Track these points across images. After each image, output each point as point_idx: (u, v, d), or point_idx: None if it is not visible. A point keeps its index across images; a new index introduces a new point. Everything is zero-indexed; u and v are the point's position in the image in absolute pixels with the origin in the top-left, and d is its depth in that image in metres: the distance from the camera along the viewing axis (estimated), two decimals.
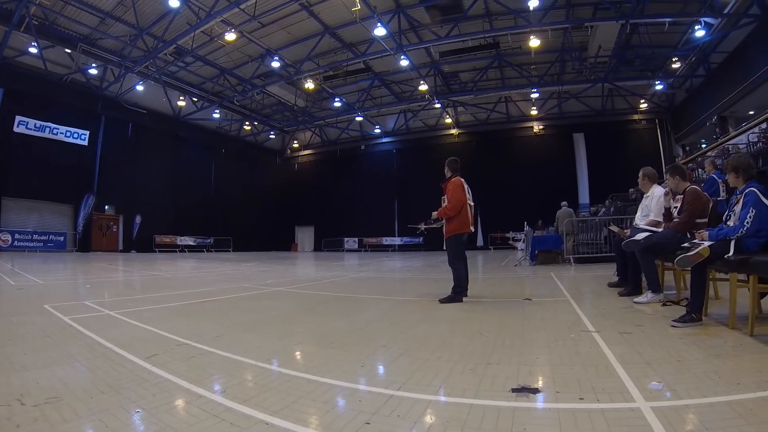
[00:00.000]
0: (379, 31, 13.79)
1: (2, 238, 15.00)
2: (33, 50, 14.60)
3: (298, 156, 29.70)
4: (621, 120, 19.74)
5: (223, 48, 16.67)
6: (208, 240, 23.36)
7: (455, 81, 19.50)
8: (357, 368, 1.94)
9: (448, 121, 23.44)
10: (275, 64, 17.24)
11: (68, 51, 15.72)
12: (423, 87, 18.57)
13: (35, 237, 16.04)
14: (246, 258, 15.86)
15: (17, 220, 15.62)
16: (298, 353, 2.33)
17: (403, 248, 24.48)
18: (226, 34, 14.82)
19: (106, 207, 18.74)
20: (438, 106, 20.36)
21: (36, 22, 13.79)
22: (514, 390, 1.55)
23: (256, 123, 25.07)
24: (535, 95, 18.60)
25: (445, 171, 4.36)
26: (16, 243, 15.38)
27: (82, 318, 3.23)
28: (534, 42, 14.04)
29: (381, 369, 1.99)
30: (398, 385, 1.67)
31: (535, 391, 1.55)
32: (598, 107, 19.48)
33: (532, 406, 1.43)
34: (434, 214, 4.24)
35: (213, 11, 13.44)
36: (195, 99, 21.06)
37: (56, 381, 1.69)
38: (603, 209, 10.51)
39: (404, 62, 16.30)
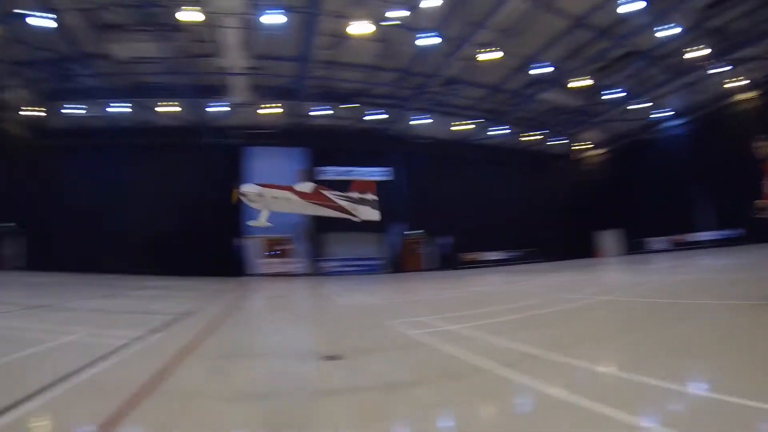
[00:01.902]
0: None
1: (331, 265, 31.40)
2: (322, 112, 29.95)
3: (586, 157, 41.90)
4: None
5: (484, 67, 26.43)
6: (515, 253, 36.31)
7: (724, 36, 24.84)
8: None
9: (734, 85, 29.20)
10: (537, 71, 26.85)
11: (348, 106, 30.02)
12: (697, 53, 24.91)
13: (354, 263, 32.12)
14: (556, 268, 23.85)
15: (338, 249, 32.04)
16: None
17: (715, 244, 30.48)
18: (480, 54, 24.58)
19: (412, 231, 33.41)
20: (722, 69, 26.82)
21: (317, 91, 28.40)
22: None
23: (536, 132, 37.23)
24: None
25: (760, 146, 5.48)
26: (340, 269, 31.48)
27: (426, 333, 6.27)
28: None
29: None
30: None
31: None
32: None
33: None
34: (760, 202, 5.44)
35: (464, 37, 23.56)
36: (472, 121, 33.77)
37: None
38: None
39: (668, 32, 22.98)
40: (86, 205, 30.81)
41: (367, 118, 31.01)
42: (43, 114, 30.95)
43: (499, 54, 24.45)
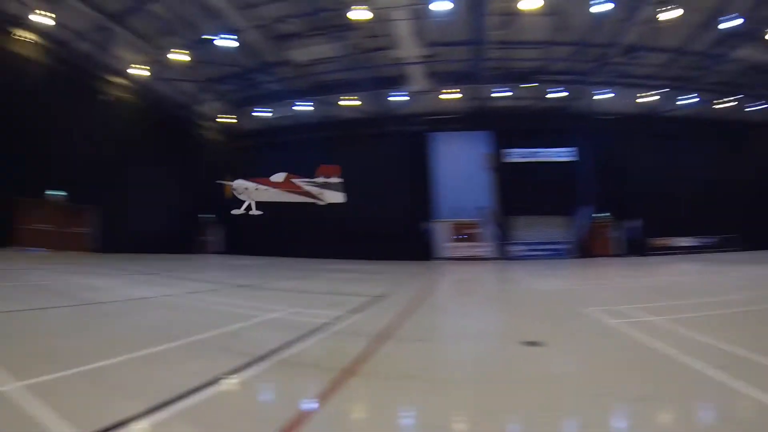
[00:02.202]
0: None
1: (517, 249, 32.03)
2: (503, 94, 30.44)
3: None
4: None
5: (665, 28, 24.92)
6: (711, 240, 33.27)
7: None
8: None
9: None
10: (726, 25, 24.16)
11: (527, 86, 30.11)
12: None
13: (541, 247, 32.26)
14: (759, 259, 21.76)
15: (524, 233, 32.52)
16: None
17: None
18: (658, 14, 22.78)
19: (599, 214, 32.69)
20: None
21: (494, 73, 28.75)
22: None
23: (732, 97, 33.66)
24: None
25: None
26: (526, 253, 31.85)
27: (625, 323, 6.31)
28: None
29: None
30: None
31: None
32: None
33: None
34: None
35: None
36: (658, 91, 31.94)
37: None
38: None
39: None
40: None
41: (548, 96, 30.79)
42: (235, 120, 38.49)
43: (680, 11, 22.96)
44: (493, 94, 31.01)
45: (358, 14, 21.98)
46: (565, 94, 31.34)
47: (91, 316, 6.77)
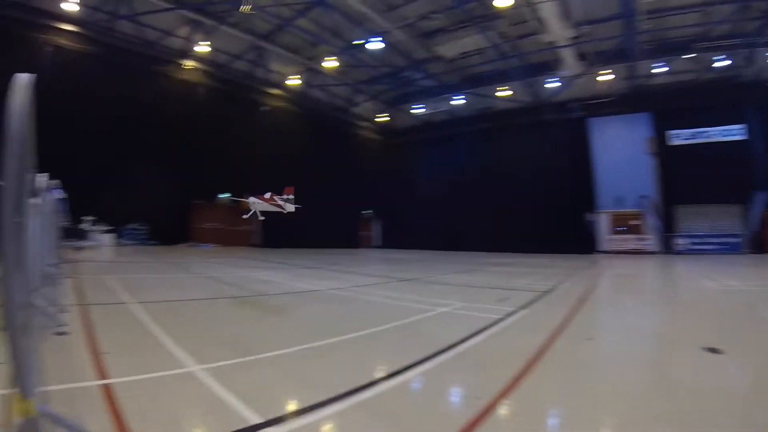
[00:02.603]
0: None
1: (683, 242, 28.94)
2: (662, 69, 27.45)
3: None
4: None
5: None
6: None
7: None
8: None
9: None
10: None
11: (687, 56, 26.93)
12: None
13: (709, 240, 28.73)
14: None
15: (691, 224, 29.18)
16: None
17: None
18: None
19: None
20: None
21: (650, 47, 26.03)
22: None
23: None
24: None
25: None
26: (693, 246, 28.67)
27: None
28: None
29: None
30: None
31: None
32: None
33: None
34: None
35: None
36: None
37: None
38: None
39: None
40: (435, 189, 38.03)
41: (713, 66, 27.63)
42: (389, 119, 40.76)
43: None
44: (651, 71, 28.43)
45: (502, 1, 21.66)
46: (729, 62, 27.47)
47: (262, 308, 7.15)
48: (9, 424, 2.02)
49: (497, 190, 33.24)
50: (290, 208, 21.07)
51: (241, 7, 22.71)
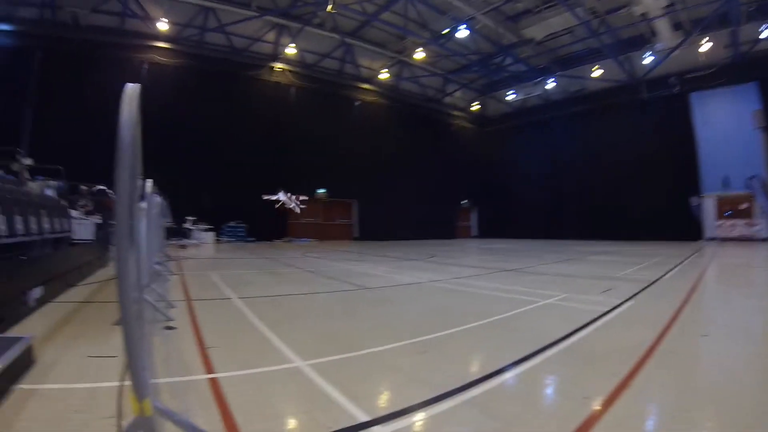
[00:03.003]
0: None
1: None
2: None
3: None
4: None
5: None
6: None
7: None
8: None
9: None
10: None
11: None
12: None
13: None
14: None
15: None
16: None
17: None
18: None
19: None
20: None
21: (754, 7, 22.85)
22: None
23: None
24: None
25: None
26: None
27: None
28: None
29: None
30: None
31: None
32: None
33: None
34: None
35: None
36: None
37: None
38: None
39: None
40: (531, 177, 37.19)
41: None
42: (481, 107, 40.58)
43: None
44: (760, 35, 24.70)
45: None
46: None
47: (364, 301, 7.07)
48: (122, 416, 2.13)
49: (594, 175, 31.59)
50: (296, 208, 27.78)
51: (327, 7, 23.30)
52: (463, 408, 2.78)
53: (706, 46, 25.75)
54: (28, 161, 13.69)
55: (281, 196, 27.24)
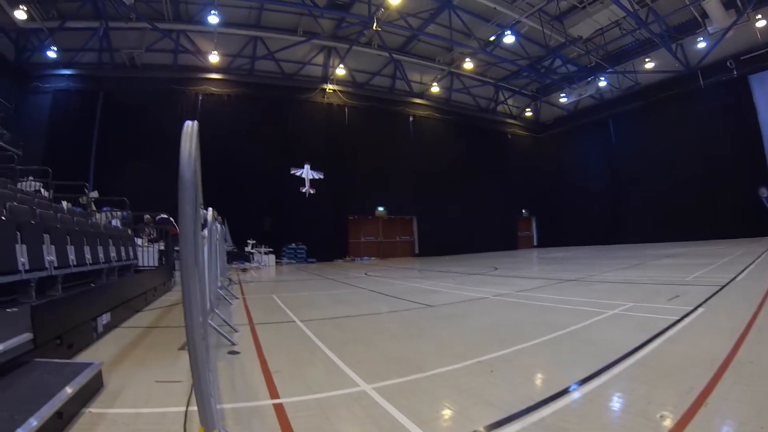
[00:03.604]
0: None
1: None
2: None
3: None
4: None
5: None
6: None
7: None
8: None
9: None
10: None
11: None
12: None
13: None
14: None
15: None
16: None
17: None
18: None
19: None
20: None
21: None
22: None
23: None
24: None
25: None
26: None
27: None
28: None
29: None
30: None
31: None
32: None
33: None
34: None
35: None
36: None
37: None
38: None
39: None
40: (589, 180, 36.30)
41: None
42: (534, 113, 40.33)
43: None
44: None
45: None
46: None
47: (427, 319, 7.00)
48: None
49: (654, 173, 30.12)
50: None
51: (372, 25, 23.43)
52: (532, 430, 2.69)
53: (761, 22, 23.93)
54: (94, 195, 14.36)
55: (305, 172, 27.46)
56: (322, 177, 28.48)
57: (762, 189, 24.18)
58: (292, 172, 27.70)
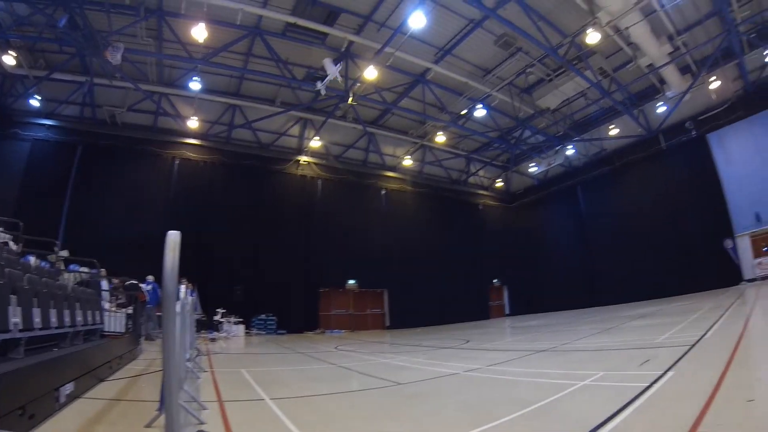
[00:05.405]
0: None
1: None
2: None
3: None
4: None
5: None
6: None
7: None
8: None
9: None
10: None
11: None
12: None
13: None
14: None
15: None
16: None
17: None
18: None
19: None
20: None
21: (753, 35, 22.35)
22: None
23: None
24: None
25: None
26: None
27: None
28: None
29: None
30: None
31: None
32: None
33: None
34: None
35: None
36: None
37: None
38: None
39: None
40: (560, 246, 37.33)
41: None
42: (505, 183, 41.72)
43: None
44: (765, 59, 24.34)
45: (592, 38, 20.87)
46: None
47: (399, 397, 6.99)
48: None
49: (625, 235, 31.10)
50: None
51: (348, 100, 24.16)
52: None
53: (715, 83, 25.50)
54: (64, 254, 14.11)
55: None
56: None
57: (727, 241, 25.24)
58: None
